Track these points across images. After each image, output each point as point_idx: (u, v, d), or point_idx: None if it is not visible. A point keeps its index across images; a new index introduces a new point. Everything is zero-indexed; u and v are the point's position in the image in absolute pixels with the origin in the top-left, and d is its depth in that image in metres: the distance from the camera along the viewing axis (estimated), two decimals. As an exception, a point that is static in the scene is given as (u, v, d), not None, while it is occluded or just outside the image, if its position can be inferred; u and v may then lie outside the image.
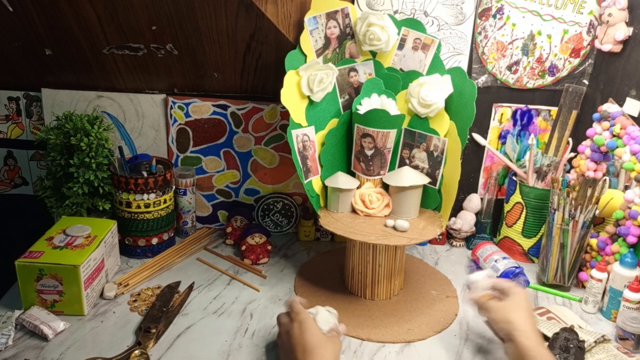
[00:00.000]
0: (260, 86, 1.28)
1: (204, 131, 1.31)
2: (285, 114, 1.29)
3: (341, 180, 1.10)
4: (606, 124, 1.17)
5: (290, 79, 1.07)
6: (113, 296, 1.06)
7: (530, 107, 1.31)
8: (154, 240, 1.22)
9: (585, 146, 1.23)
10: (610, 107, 1.18)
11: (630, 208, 1.06)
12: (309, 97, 1.10)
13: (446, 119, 1.10)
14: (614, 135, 1.15)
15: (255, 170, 1.35)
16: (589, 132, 1.22)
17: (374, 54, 1.15)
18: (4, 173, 1.36)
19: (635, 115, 1.15)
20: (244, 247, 1.24)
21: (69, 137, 1.15)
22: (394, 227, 1.06)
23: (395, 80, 1.14)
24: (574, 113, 1.23)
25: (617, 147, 1.14)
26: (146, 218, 1.19)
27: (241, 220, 1.33)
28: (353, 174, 1.15)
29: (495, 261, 1.19)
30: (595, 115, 1.20)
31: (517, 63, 1.26)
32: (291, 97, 1.07)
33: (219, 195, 1.37)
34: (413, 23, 1.13)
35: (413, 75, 1.13)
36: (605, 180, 1.11)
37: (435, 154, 1.11)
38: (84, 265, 0.98)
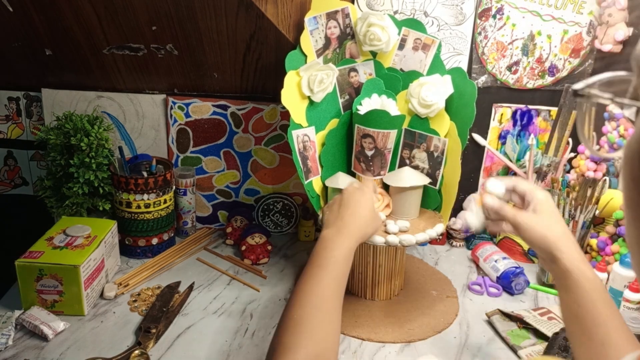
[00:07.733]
0: (260, 86, 1.28)
1: (204, 131, 1.30)
2: (286, 114, 1.29)
3: (341, 180, 1.10)
4: (614, 123, 1.16)
5: (290, 79, 1.07)
6: (113, 296, 1.06)
7: (530, 107, 1.31)
8: (154, 241, 1.22)
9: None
10: (612, 108, 1.18)
11: (630, 208, 1.06)
12: (309, 97, 1.10)
13: (446, 120, 1.10)
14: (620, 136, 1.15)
15: (256, 171, 1.34)
16: (589, 132, 1.21)
17: (374, 54, 1.15)
18: (4, 173, 1.36)
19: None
20: (244, 247, 1.24)
21: (69, 137, 1.15)
22: (394, 228, 1.06)
23: (395, 81, 1.14)
24: (574, 113, 1.23)
25: (617, 148, 1.14)
26: (146, 218, 1.19)
27: (241, 221, 1.33)
28: (353, 175, 1.15)
29: (495, 261, 1.19)
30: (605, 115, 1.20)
31: (517, 63, 1.26)
32: (291, 97, 1.07)
33: (219, 196, 1.36)
34: (413, 23, 1.13)
35: (413, 75, 1.13)
36: (605, 180, 1.11)
37: (436, 154, 1.11)
38: (84, 265, 0.98)
